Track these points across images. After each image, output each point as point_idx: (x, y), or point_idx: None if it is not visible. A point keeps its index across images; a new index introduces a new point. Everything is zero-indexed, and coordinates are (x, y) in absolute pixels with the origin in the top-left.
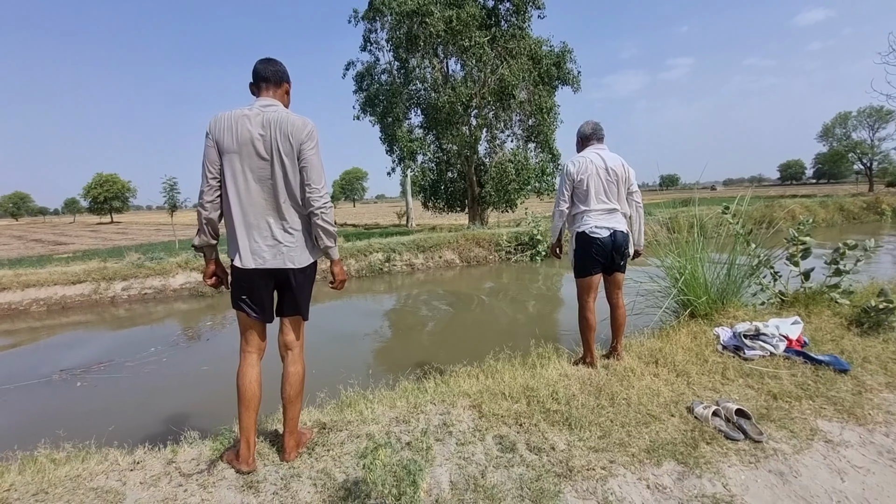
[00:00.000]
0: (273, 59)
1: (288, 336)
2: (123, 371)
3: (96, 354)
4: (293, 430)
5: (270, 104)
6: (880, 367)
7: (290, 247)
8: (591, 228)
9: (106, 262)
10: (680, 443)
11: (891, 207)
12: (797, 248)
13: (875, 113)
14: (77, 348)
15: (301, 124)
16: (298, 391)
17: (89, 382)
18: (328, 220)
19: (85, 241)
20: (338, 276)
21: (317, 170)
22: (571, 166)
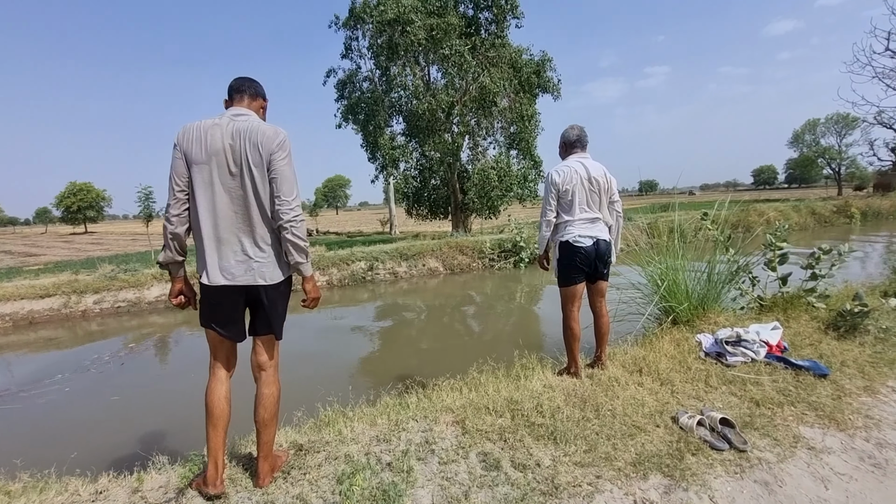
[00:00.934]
0: (250, 77)
1: (261, 356)
2: (16, 402)
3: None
4: (267, 454)
5: (242, 113)
6: (858, 371)
7: (260, 262)
8: (575, 237)
9: (78, 274)
10: (666, 455)
11: (859, 211)
12: (774, 253)
13: (842, 120)
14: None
15: (272, 134)
16: (273, 414)
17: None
18: (299, 235)
19: (57, 252)
20: (310, 294)
21: (288, 181)
22: (556, 176)
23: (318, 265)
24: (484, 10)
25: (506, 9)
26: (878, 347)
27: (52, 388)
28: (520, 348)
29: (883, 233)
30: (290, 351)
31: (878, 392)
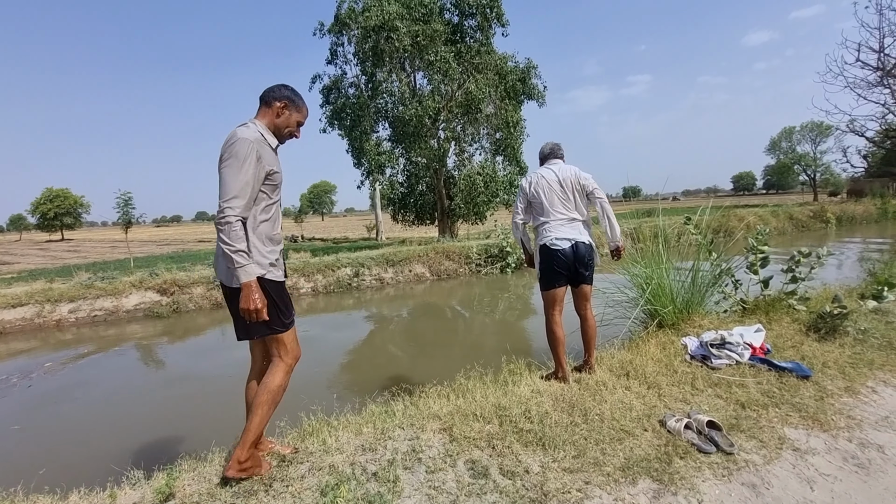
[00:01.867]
0: (282, 84)
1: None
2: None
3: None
4: (244, 442)
5: (244, 122)
6: (839, 372)
7: (217, 261)
8: (552, 241)
9: (53, 282)
10: (654, 459)
11: (834, 216)
12: (756, 256)
13: (816, 128)
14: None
15: (226, 137)
16: (261, 401)
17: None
18: (222, 239)
19: (32, 259)
20: (241, 305)
21: (224, 183)
22: (524, 182)
23: (303, 271)
24: (469, 18)
25: (491, 17)
26: (857, 348)
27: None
28: (507, 353)
29: (857, 237)
30: None
31: (858, 392)
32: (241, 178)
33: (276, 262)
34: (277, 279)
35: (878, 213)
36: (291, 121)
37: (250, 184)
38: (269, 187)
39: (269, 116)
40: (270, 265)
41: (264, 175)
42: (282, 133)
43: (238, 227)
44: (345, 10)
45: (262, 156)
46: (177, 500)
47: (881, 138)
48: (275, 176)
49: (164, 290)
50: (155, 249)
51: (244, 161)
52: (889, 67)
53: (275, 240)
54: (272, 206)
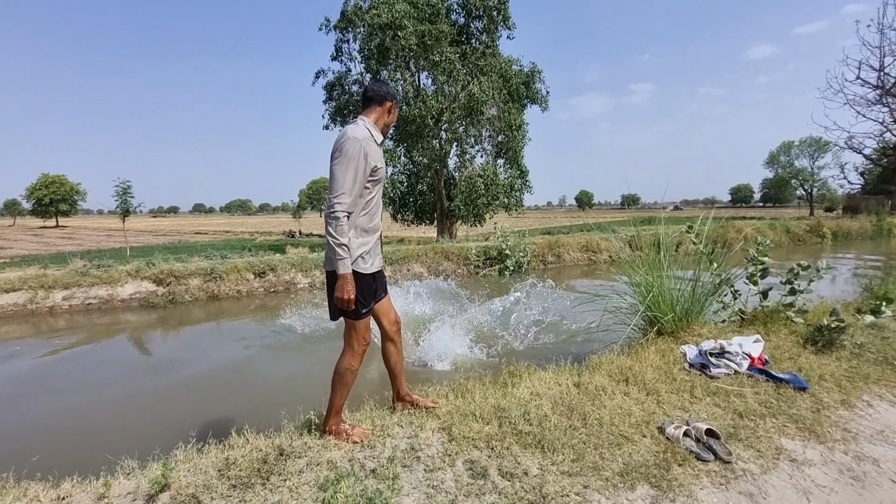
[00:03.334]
0: (381, 81)
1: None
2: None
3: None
4: (328, 415)
5: (353, 119)
6: (835, 385)
7: (325, 250)
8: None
9: (46, 268)
10: (653, 465)
11: (831, 231)
12: (756, 267)
13: (815, 143)
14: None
15: (338, 135)
16: (333, 382)
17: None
18: (330, 231)
19: (25, 245)
20: (335, 293)
21: (334, 180)
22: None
23: (301, 267)
24: (476, 20)
25: (497, 19)
26: (853, 362)
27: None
28: (507, 355)
29: (851, 253)
30: (271, 351)
31: (854, 406)
32: (349, 176)
33: (366, 255)
34: (362, 270)
35: (873, 229)
36: (394, 118)
37: (357, 180)
38: (371, 182)
39: (378, 113)
40: (359, 257)
41: (370, 171)
42: (388, 128)
43: (345, 221)
44: (351, 6)
45: (368, 153)
46: (172, 491)
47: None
48: (378, 171)
49: (160, 280)
50: (151, 239)
51: (353, 159)
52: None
53: (370, 231)
54: (372, 199)
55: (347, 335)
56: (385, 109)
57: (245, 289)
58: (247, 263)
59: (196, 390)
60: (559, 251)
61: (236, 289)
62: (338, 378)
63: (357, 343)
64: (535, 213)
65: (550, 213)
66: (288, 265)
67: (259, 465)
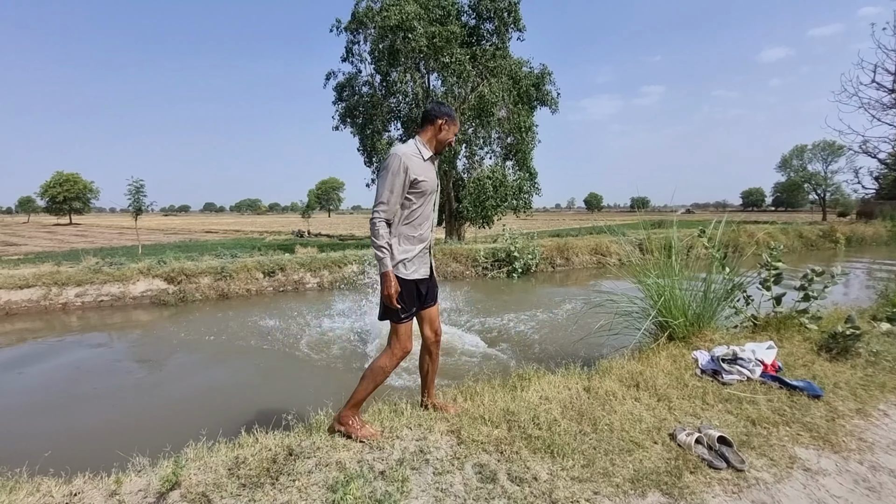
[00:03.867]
0: (438, 101)
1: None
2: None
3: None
4: (348, 403)
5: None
6: (850, 393)
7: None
8: None
9: (60, 265)
10: (664, 472)
11: (844, 236)
12: (770, 272)
13: (828, 147)
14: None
15: (388, 152)
16: (365, 375)
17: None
18: (371, 234)
19: (39, 242)
20: (381, 291)
21: (377, 190)
22: None
23: (309, 267)
24: (486, 21)
25: (508, 21)
26: (869, 370)
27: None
28: (516, 358)
29: (865, 259)
30: (278, 351)
31: (870, 415)
32: (386, 187)
33: (409, 262)
34: (401, 275)
35: (888, 235)
36: (450, 134)
37: (394, 191)
38: (415, 193)
39: (431, 132)
40: (400, 263)
41: (409, 183)
42: (442, 144)
43: (381, 226)
44: (362, 8)
45: (409, 167)
46: (182, 489)
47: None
48: (421, 184)
49: (171, 278)
50: (162, 238)
51: (392, 173)
52: None
53: (414, 240)
54: (416, 210)
55: (390, 338)
56: (436, 127)
57: (254, 288)
58: (256, 263)
59: (206, 389)
60: (568, 254)
61: (246, 288)
62: (369, 373)
63: (396, 347)
64: (543, 215)
65: (559, 216)
66: (297, 265)
67: (268, 464)
